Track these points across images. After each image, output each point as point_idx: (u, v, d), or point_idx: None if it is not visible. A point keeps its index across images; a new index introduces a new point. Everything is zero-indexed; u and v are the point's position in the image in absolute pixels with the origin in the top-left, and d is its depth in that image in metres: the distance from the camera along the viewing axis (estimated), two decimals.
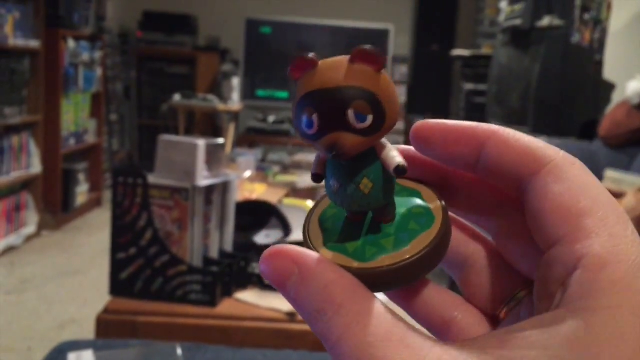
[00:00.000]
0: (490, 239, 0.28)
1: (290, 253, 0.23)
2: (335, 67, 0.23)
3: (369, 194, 0.24)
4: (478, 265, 0.28)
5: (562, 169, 0.22)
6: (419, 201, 0.26)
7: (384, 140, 0.25)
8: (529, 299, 0.25)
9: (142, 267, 1.27)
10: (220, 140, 1.39)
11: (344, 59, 0.23)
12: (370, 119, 0.22)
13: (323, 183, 0.25)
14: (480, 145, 0.25)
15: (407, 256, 0.24)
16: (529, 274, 0.26)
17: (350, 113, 0.22)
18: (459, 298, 0.28)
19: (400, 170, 0.23)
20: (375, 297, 0.22)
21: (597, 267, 0.20)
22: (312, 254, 0.23)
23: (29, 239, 3.19)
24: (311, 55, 0.23)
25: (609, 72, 3.21)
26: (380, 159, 0.24)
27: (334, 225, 0.26)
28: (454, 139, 0.25)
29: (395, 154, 0.24)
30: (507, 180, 0.24)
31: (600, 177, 2.35)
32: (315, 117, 0.22)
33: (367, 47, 0.23)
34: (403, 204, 0.26)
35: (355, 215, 0.26)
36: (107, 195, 3.97)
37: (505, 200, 0.26)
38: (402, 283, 0.25)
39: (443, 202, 0.26)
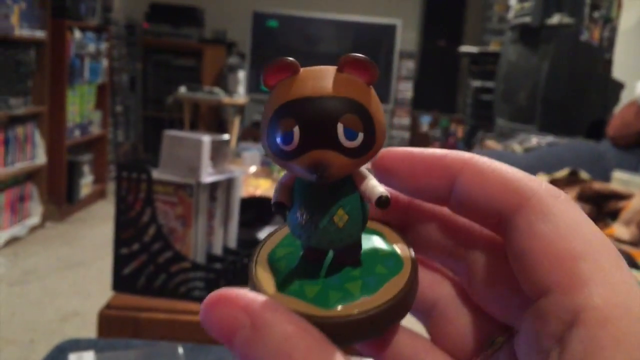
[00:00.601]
0: (459, 279, 0.25)
1: (240, 299, 0.19)
2: (321, 75, 0.20)
3: (343, 228, 0.21)
4: (448, 310, 0.25)
5: (547, 204, 0.20)
6: (383, 242, 0.23)
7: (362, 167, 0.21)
8: (507, 345, 0.23)
9: (145, 263, 1.27)
10: (226, 136, 1.38)
11: (330, 67, 0.20)
12: (360, 137, 0.19)
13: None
14: (453, 176, 0.22)
15: (379, 303, 0.20)
16: (504, 318, 0.23)
17: (340, 128, 0.19)
18: (430, 343, 0.25)
19: (383, 202, 0.20)
20: (341, 353, 0.19)
21: (598, 323, 0.18)
22: (266, 301, 0.19)
23: (33, 229, 3.19)
24: (291, 59, 0.20)
25: (618, 71, 3.18)
26: (358, 189, 0.21)
27: (288, 265, 0.22)
28: (423, 170, 0.23)
29: (376, 183, 0.21)
30: (483, 216, 0.22)
31: (608, 177, 2.34)
32: (295, 130, 0.19)
33: (359, 55, 0.20)
34: (366, 245, 0.23)
35: (315, 255, 0.22)
36: (112, 187, 3.97)
37: (479, 238, 0.24)
38: (373, 334, 0.21)
39: (409, 244, 0.23)
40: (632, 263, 1.79)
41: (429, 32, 5.31)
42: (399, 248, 0.23)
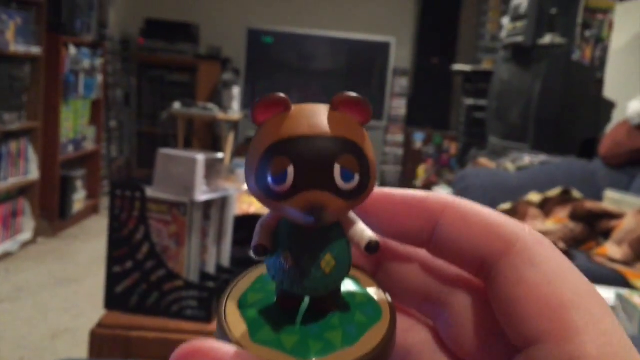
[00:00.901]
0: (434, 325, 0.24)
1: (212, 353, 0.18)
2: (315, 113, 0.19)
3: (329, 274, 0.20)
4: (422, 357, 0.24)
5: (532, 250, 0.20)
6: (358, 287, 0.22)
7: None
8: None
9: (137, 281, 1.26)
10: (220, 155, 1.39)
11: (322, 106, 0.20)
12: (356, 179, 0.19)
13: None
14: (434, 219, 0.22)
15: (361, 354, 0.19)
16: None
17: (337, 169, 0.18)
18: None
19: (372, 248, 0.20)
20: None
21: None
22: (241, 354, 0.18)
23: (25, 245, 3.17)
24: (283, 95, 0.19)
25: (610, 90, 3.21)
26: (345, 232, 0.20)
27: (261, 312, 0.21)
28: (404, 212, 0.22)
29: (364, 226, 0.20)
30: (465, 260, 0.21)
31: (600, 196, 2.35)
32: (290, 170, 0.18)
33: (353, 94, 0.19)
34: (342, 289, 0.22)
35: (291, 301, 0.21)
36: (105, 202, 3.96)
37: (457, 282, 0.23)
38: None
39: (384, 291, 0.22)
40: (624, 282, 1.79)
41: (422, 50, 5.35)
42: (374, 293, 0.22)
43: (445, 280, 0.23)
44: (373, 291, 0.22)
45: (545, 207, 2.26)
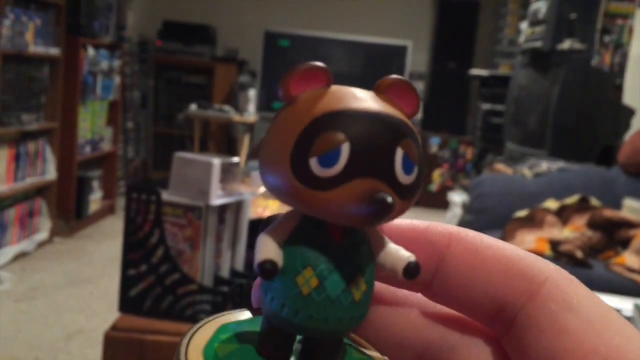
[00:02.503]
0: None
1: None
2: (361, 92, 0.16)
3: (359, 301, 0.16)
4: None
5: (566, 291, 0.17)
6: (351, 346, 0.18)
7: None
8: None
9: (152, 284, 1.26)
10: (235, 159, 1.38)
11: (369, 91, 0.16)
12: (415, 172, 0.15)
13: None
14: (438, 254, 0.18)
15: None
16: None
17: (399, 155, 0.15)
18: None
19: (412, 271, 0.16)
20: None
21: None
22: None
23: (41, 245, 3.19)
24: (324, 65, 0.16)
25: (629, 97, 3.17)
26: (373, 252, 0.16)
27: (234, 347, 0.17)
28: (402, 246, 0.18)
29: (397, 246, 0.17)
30: (477, 305, 0.18)
31: (618, 205, 2.32)
32: (344, 147, 0.14)
33: (409, 81, 0.16)
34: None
35: (279, 350, 0.17)
36: (121, 203, 3.98)
37: (461, 334, 0.19)
38: None
39: (381, 350, 0.18)
40: None
41: (439, 54, 5.33)
42: (372, 354, 0.18)
43: (447, 331, 0.19)
44: (369, 352, 0.18)
45: (563, 215, 2.23)
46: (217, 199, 1.26)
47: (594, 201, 2.26)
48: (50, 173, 3.28)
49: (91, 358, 2.03)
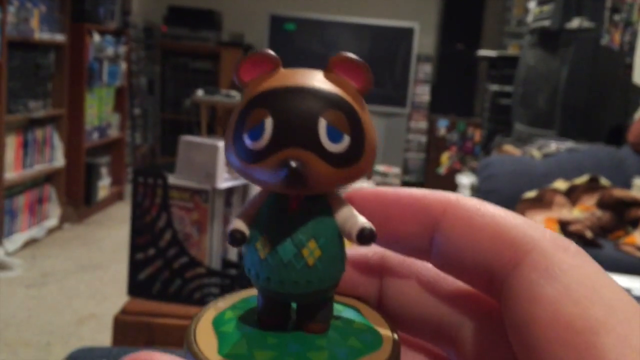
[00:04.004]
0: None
1: None
2: (307, 72, 0.17)
3: (313, 266, 0.17)
4: None
5: (553, 259, 0.16)
6: (358, 316, 0.19)
7: (341, 194, 0.18)
8: None
9: (160, 268, 1.27)
10: None
11: (317, 70, 0.17)
12: (346, 140, 0.16)
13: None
14: (433, 222, 0.18)
15: None
16: None
17: (322, 125, 0.16)
18: None
19: (366, 237, 0.16)
20: None
21: None
22: None
23: (51, 231, 3.21)
24: (272, 52, 0.17)
25: (639, 76, 3.14)
26: (336, 219, 0.17)
27: (237, 328, 0.18)
28: (398, 214, 0.18)
29: (357, 214, 0.17)
30: (471, 274, 0.18)
31: (628, 184, 2.30)
32: (268, 121, 0.16)
33: (352, 55, 0.17)
34: (338, 315, 0.19)
35: (273, 317, 0.18)
36: (129, 189, 3.99)
37: (471, 304, 0.19)
38: None
39: (390, 323, 0.19)
40: None
41: (446, 36, 5.28)
42: (377, 325, 0.19)
43: (456, 301, 0.19)
44: (375, 322, 0.19)
45: (572, 195, 2.22)
46: (224, 182, 1.25)
47: (604, 181, 2.24)
48: (59, 160, 3.29)
49: (102, 342, 2.04)
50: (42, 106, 3.13)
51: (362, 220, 0.17)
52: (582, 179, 2.26)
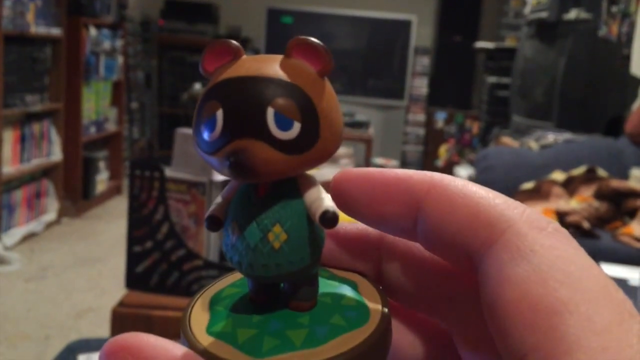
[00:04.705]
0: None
1: (138, 354, 0.15)
2: (263, 59, 0.17)
3: (279, 249, 0.17)
4: None
5: (525, 238, 0.15)
6: (351, 292, 0.19)
7: (314, 178, 0.18)
8: None
9: (157, 261, 1.27)
10: None
11: (279, 56, 0.17)
12: (296, 127, 0.16)
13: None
14: (417, 202, 0.18)
15: (322, 358, 0.16)
16: None
17: (269, 113, 0.16)
18: None
19: (328, 220, 0.17)
20: None
21: None
22: (173, 353, 0.15)
23: (49, 226, 3.21)
24: (234, 42, 0.17)
25: (637, 67, 3.13)
26: (304, 201, 0.17)
27: (229, 306, 0.18)
28: (384, 194, 0.18)
29: (325, 195, 0.17)
30: (452, 254, 0.17)
31: (626, 175, 2.31)
32: (219, 114, 0.16)
33: (309, 38, 0.17)
34: (329, 292, 0.19)
35: (261, 294, 0.18)
36: (127, 183, 3.99)
37: (457, 285, 0.19)
38: None
39: (384, 298, 0.19)
40: None
41: (444, 28, 5.27)
42: (369, 300, 0.19)
43: (445, 282, 0.19)
44: (368, 298, 0.19)
45: (570, 186, 2.22)
46: (220, 175, 1.25)
47: (601, 172, 2.24)
48: (56, 154, 3.29)
49: (101, 335, 2.05)
50: (39, 100, 3.12)
51: (327, 203, 0.17)
52: (579, 170, 2.26)
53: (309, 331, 0.17)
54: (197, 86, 4.21)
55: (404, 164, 5.20)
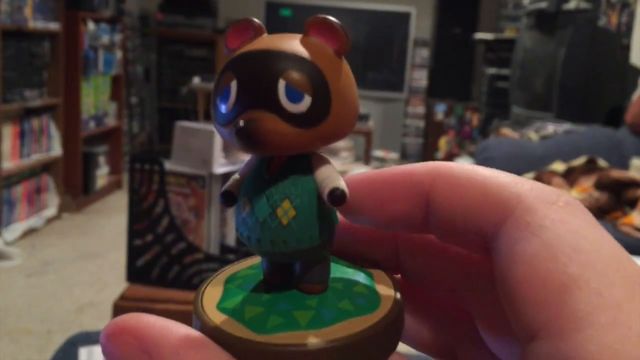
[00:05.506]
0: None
1: (140, 334, 0.15)
2: (283, 36, 0.17)
3: (287, 225, 0.17)
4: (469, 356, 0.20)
5: (535, 214, 0.15)
6: (365, 280, 0.19)
7: (327, 158, 0.18)
8: None
9: (158, 254, 1.27)
10: None
11: (299, 35, 0.18)
12: (307, 101, 0.16)
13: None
14: (424, 194, 0.17)
15: (327, 339, 0.16)
16: None
17: (281, 85, 0.16)
18: None
19: (337, 197, 0.16)
20: None
21: None
22: (176, 331, 0.15)
23: (50, 221, 3.21)
24: (256, 20, 0.18)
25: (636, 57, 3.13)
26: (315, 179, 0.17)
27: (242, 285, 0.19)
28: (389, 194, 0.18)
29: (337, 176, 0.17)
30: (466, 240, 0.17)
31: (626, 165, 2.30)
32: (233, 85, 0.16)
33: (327, 17, 0.17)
34: (342, 278, 0.19)
35: (274, 275, 0.18)
36: (127, 177, 3.99)
37: (477, 267, 0.19)
38: None
39: (399, 291, 0.19)
40: None
41: (443, 20, 5.26)
42: (382, 289, 0.19)
43: (462, 269, 0.19)
44: (382, 286, 0.19)
45: (570, 177, 2.22)
46: (220, 168, 1.25)
47: (601, 162, 2.24)
48: (56, 149, 3.28)
49: (102, 329, 2.05)
50: (38, 95, 3.11)
51: (338, 182, 0.17)
52: (579, 161, 2.26)
53: (315, 313, 0.17)
54: (196, 80, 4.21)
55: (404, 157, 5.20)
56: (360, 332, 0.16)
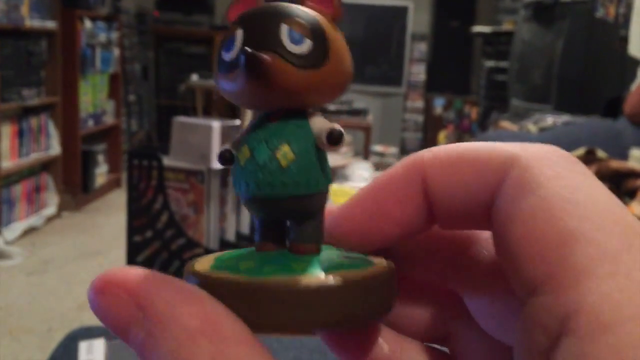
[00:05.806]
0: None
1: (132, 289, 0.14)
2: (281, 3, 0.19)
3: (286, 168, 0.17)
4: (464, 338, 0.20)
5: (531, 171, 0.15)
6: (360, 254, 0.19)
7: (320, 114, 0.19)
8: None
9: (158, 250, 1.27)
10: (236, 122, 1.37)
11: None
12: (307, 43, 0.17)
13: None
14: (421, 186, 0.17)
15: (331, 280, 0.16)
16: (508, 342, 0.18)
17: (284, 29, 0.17)
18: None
19: (335, 137, 0.17)
20: (263, 347, 0.14)
21: (593, 332, 0.12)
22: (169, 288, 0.15)
23: (50, 219, 3.21)
24: None
25: (635, 47, 3.12)
26: (312, 129, 0.18)
27: (233, 255, 0.19)
28: (388, 200, 0.18)
29: (332, 123, 0.18)
30: (471, 218, 0.17)
31: (625, 156, 2.30)
32: (238, 33, 0.18)
33: None
34: (334, 250, 0.19)
35: (265, 236, 0.19)
36: (127, 175, 3.99)
37: (468, 248, 0.19)
38: (308, 322, 0.16)
39: (392, 262, 0.19)
40: None
41: (441, 13, 5.25)
42: (375, 258, 0.19)
43: (456, 244, 0.19)
44: (375, 258, 0.19)
45: None
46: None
47: (600, 153, 2.24)
48: (55, 148, 3.28)
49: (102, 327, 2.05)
50: (36, 94, 3.11)
51: (334, 125, 0.18)
52: (578, 152, 2.26)
53: (310, 263, 0.17)
54: (194, 77, 4.20)
55: (404, 151, 5.19)
56: (362, 279, 0.17)
